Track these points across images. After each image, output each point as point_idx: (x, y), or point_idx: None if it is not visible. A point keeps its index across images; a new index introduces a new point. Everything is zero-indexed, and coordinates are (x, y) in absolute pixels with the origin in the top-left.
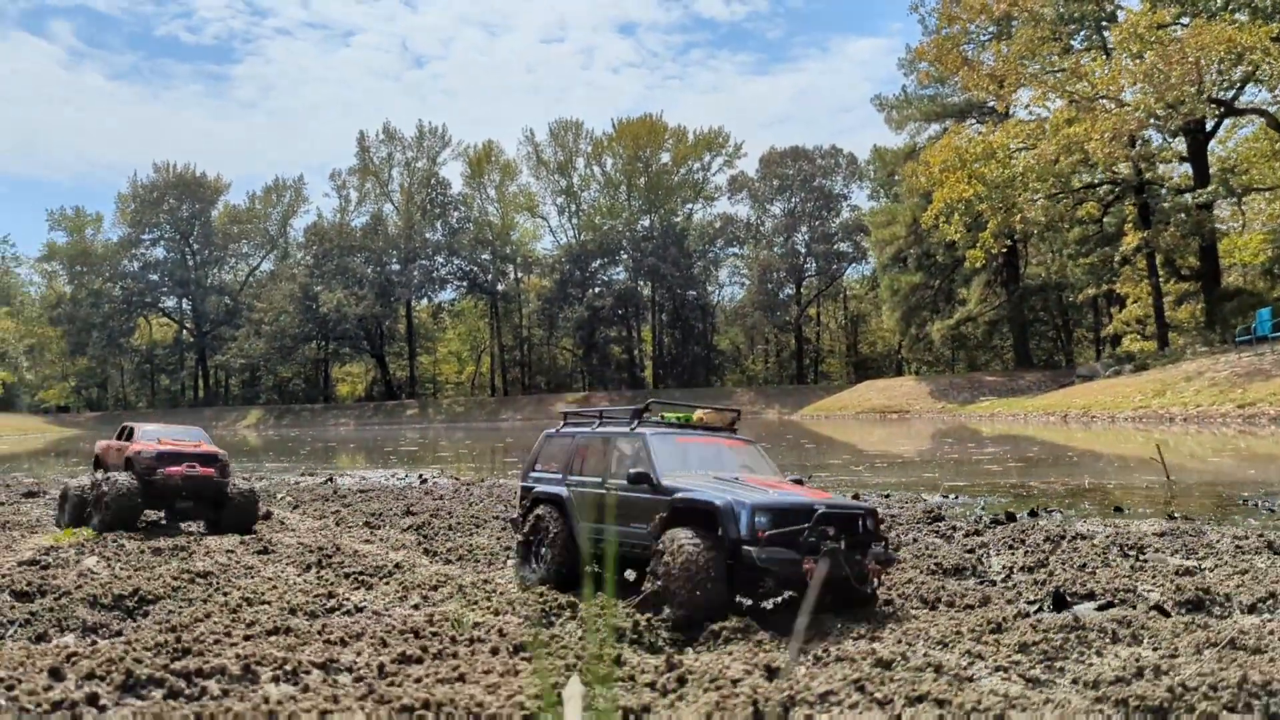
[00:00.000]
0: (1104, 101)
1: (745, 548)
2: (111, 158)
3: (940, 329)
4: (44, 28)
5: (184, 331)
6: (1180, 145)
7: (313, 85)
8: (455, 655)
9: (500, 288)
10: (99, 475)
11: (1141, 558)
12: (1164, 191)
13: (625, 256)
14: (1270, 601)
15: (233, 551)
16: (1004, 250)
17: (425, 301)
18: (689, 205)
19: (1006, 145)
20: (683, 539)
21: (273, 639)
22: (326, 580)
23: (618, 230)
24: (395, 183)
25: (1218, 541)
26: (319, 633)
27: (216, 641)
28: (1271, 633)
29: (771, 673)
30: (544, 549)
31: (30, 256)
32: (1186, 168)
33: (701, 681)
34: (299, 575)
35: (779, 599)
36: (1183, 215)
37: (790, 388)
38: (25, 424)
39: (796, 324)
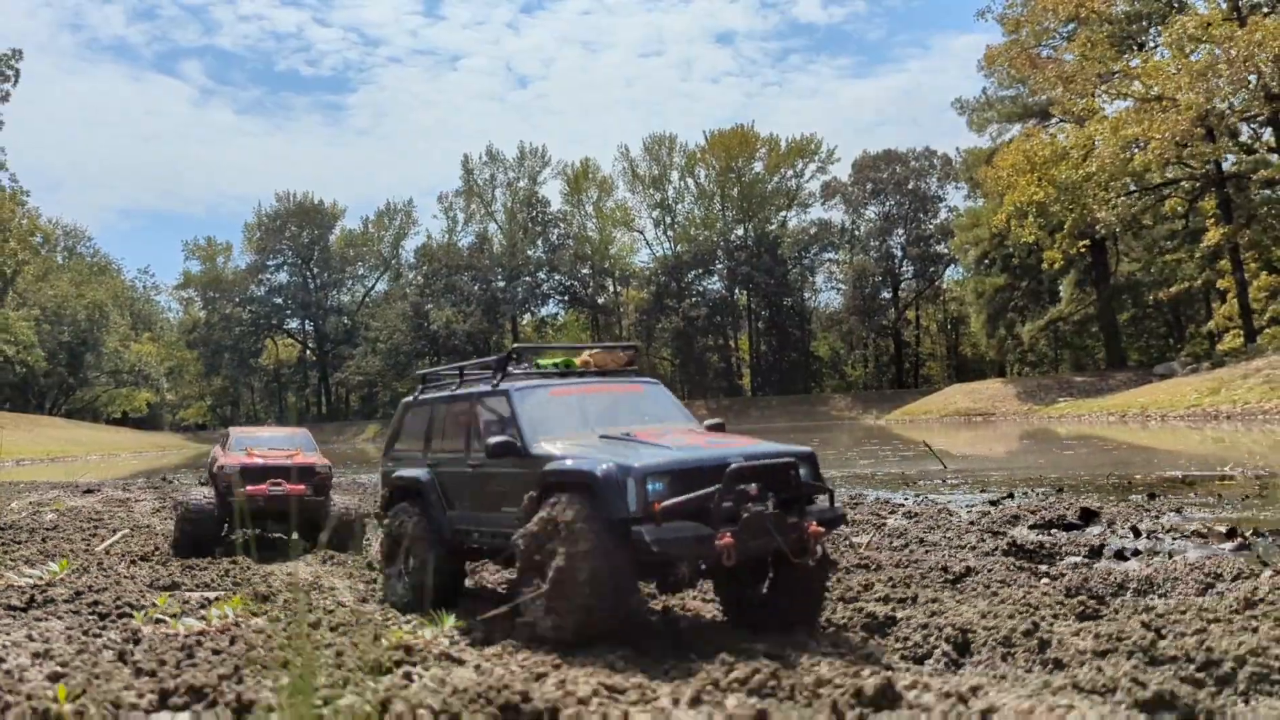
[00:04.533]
0: (1160, 101)
1: (635, 529)
2: (240, 189)
3: (1030, 330)
4: (176, 68)
5: (307, 351)
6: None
7: (421, 110)
8: None
9: (600, 301)
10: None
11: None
12: (1252, 184)
13: (720, 266)
14: None
15: None
16: (1085, 249)
17: (529, 316)
18: (782, 213)
19: (1083, 145)
20: (567, 516)
21: None
22: None
23: (712, 240)
24: (498, 203)
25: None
26: None
27: None
28: None
29: None
30: (405, 556)
31: (169, 285)
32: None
33: None
34: None
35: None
36: (1266, 208)
37: (889, 392)
38: (166, 441)
39: (894, 328)
